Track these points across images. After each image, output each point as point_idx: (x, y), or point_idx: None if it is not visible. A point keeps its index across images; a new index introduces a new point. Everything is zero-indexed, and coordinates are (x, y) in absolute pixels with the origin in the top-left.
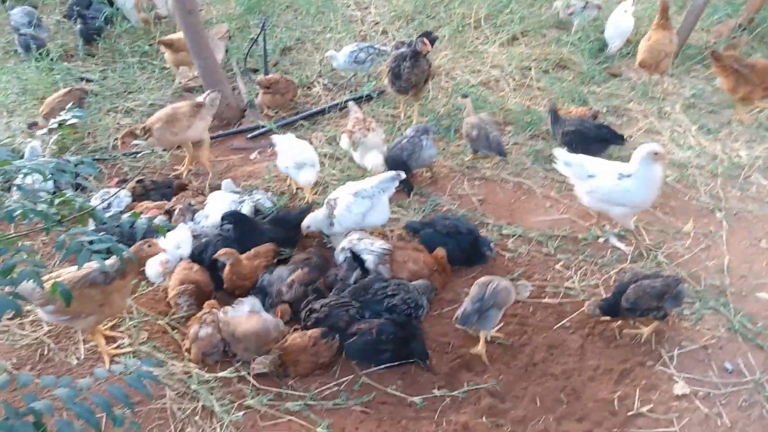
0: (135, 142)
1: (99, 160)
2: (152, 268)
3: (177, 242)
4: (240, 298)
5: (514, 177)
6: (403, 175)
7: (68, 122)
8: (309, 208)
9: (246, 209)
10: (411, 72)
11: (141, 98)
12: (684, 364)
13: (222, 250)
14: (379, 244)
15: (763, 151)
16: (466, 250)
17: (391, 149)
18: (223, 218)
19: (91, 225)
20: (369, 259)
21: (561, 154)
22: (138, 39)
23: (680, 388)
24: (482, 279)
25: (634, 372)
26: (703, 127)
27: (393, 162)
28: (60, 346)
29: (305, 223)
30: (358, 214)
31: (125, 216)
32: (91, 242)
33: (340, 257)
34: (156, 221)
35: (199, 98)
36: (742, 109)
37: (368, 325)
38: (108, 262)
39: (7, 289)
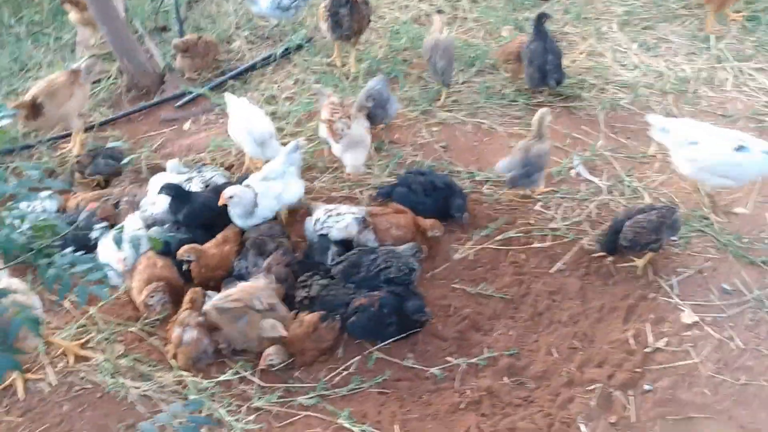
0: None
1: (9, 152)
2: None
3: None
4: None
5: (471, 117)
6: (301, 144)
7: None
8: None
9: (196, 189)
10: (351, 18)
11: (42, 76)
12: (685, 291)
13: (182, 249)
14: (351, 215)
15: (704, 63)
16: (444, 206)
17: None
18: (160, 190)
19: None
20: (343, 234)
21: (656, 120)
22: (22, 8)
23: (688, 316)
24: (523, 143)
25: (640, 307)
26: (642, 45)
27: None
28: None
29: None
30: (272, 199)
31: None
32: (72, 265)
33: (311, 234)
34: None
35: (74, 65)
36: (712, 20)
37: (369, 299)
38: None
39: None
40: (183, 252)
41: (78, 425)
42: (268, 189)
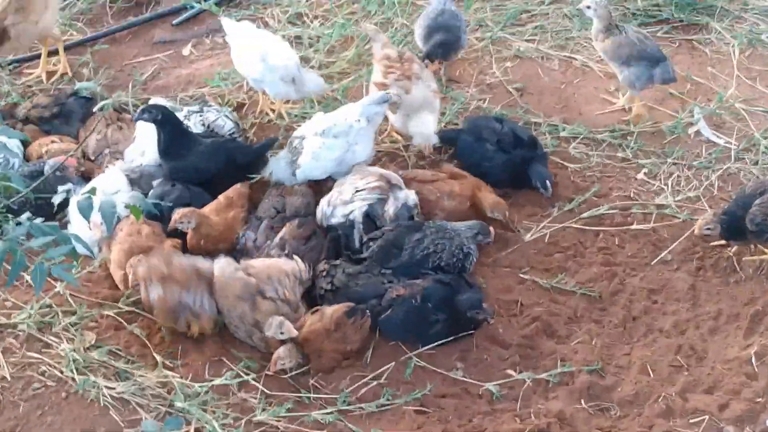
0: None
1: None
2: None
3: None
4: None
5: (558, 51)
6: (394, 97)
7: None
8: (273, 142)
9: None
10: None
11: None
12: None
13: (177, 214)
14: (360, 202)
15: None
16: (520, 170)
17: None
18: (142, 111)
19: None
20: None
21: None
22: None
23: None
24: None
25: None
26: None
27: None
28: None
29: (267, 170)
30: (329, 160)
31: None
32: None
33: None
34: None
35: None
36: None
37: (409, 290)
38: None
39: None
40: (179, 217)
41: None
42: (323, 149)
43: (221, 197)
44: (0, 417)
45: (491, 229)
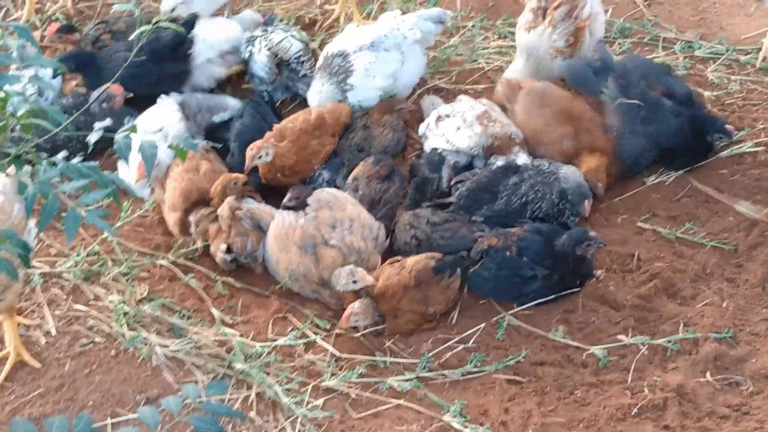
0: None
1: None
2: (130, 177)
3: (160, 128)
4: None
5: None
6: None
7: None
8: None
9: (260, 60)
10: None
11: None
12: None
13: (253, 148)
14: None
15: None
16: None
17: None
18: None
19: None
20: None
21: None
22: None
23: None
24: None
25: None
26: None
27: None
28: None
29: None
30: (385, 76)
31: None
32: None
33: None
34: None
35: None
36: None
37: (503, 239)
38: None
39: None
40: (256, 152)
41: (83, 392)
42: (377, 62)
43: (313, 117)
44: (45, 376)
45: (600, 185)
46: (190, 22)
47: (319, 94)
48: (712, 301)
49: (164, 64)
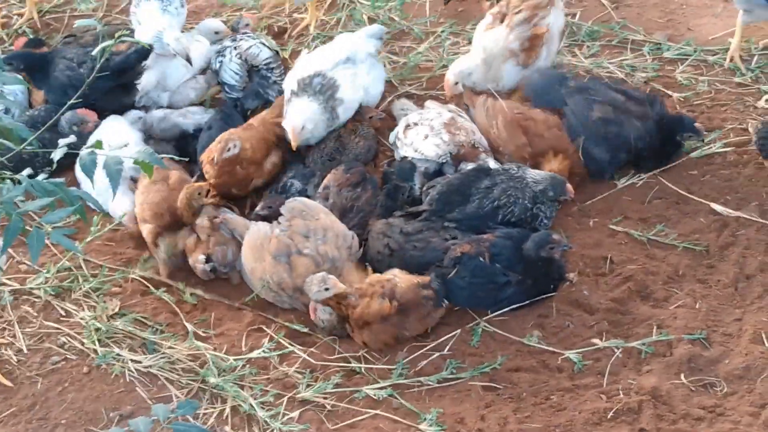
0: None
1: None
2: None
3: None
4: None
5: None
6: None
7: None
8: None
9: (231, 68)
10: None
11: None
12: None
13: (221, 139)
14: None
15: None
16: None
17: None
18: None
19: None
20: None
21: None
22: None
23: None
24: None
25: None
26: None
27: None
28: None
29: (298, 124)
30: (365, 88)
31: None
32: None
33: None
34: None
35: None
36: None
37: (475, 245)
38: None
39: None
40: (225, 144)
41: (56, 411)
42: (362, 75)
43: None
44: (17, 395)
45: (569, 188)
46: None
47: (302, 113)
48: (685, 302)
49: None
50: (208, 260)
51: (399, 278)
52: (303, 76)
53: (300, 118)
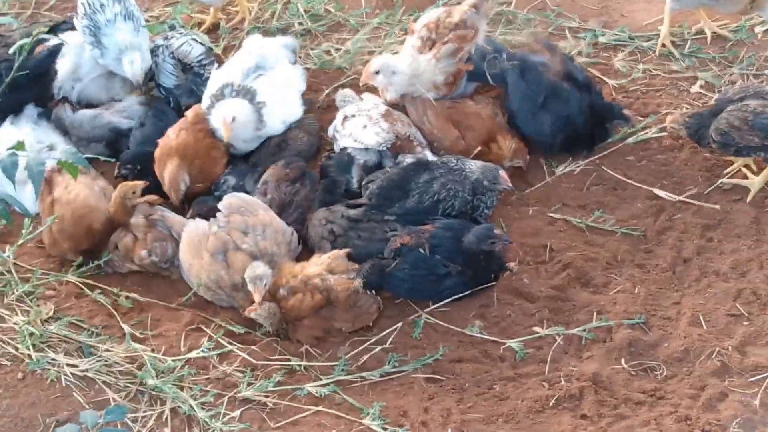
0: None
1: None
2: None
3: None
4: None
5: None
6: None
7: None
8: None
9: (165, 68)
10: None
11: None
12: None
13: (170, 179)
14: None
15: None
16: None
17: None
18: None
19: None
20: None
21: None
22: None
23: None
24: None
25: None
26: None
27: None
28: None
29: (228, 114)
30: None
31: None
32: None
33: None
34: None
35: None
36: None
37: (415, 237)
38: None
39: None
40: (175, 183)
41: None
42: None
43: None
44: None
45: (502, 174)
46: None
47: (231, 105)
48: (624, 288)
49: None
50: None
51: (333, 263)
52: (213, 92)
53: (230, 109)
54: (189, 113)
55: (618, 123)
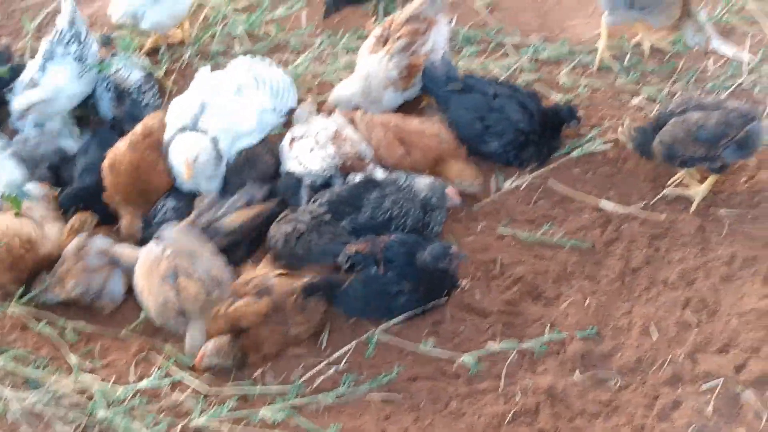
0: None
1: None
2: None
3: None
4: None
5: None
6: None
7: None
8: None
9: (103, 96)
10: None
11: None
12: None
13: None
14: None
15: None
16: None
17: None
18: None
19: None
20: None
21: None
22: None
23: None
24: None
25: None
26: None
27: None
28: None
29: (191, 154)
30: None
31: None
32: None
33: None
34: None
35: None
36: None
37: (370, 244)
38: None
39: None
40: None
41: None
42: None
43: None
44: None
45: (450, 192)
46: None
47: (193, 143)
48: (574, 300)
49: None
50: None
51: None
52: (167, 139)
53: (193, 148)
54: (138, 127)
55: (572, 124)
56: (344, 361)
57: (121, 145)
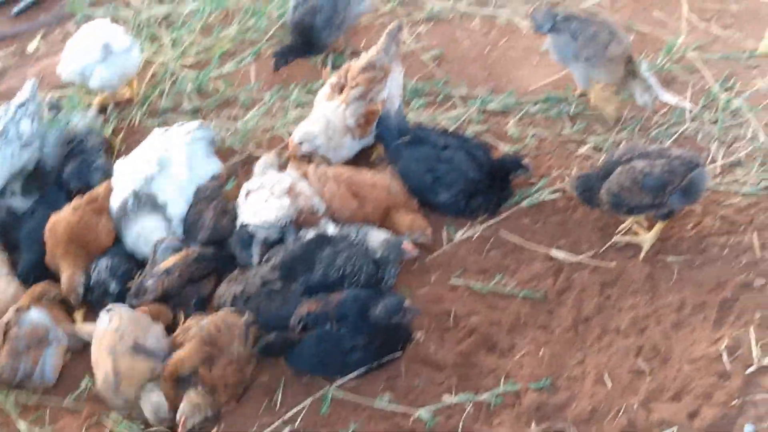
0: None
1: None
2: None
3: None
4: None
5: (480, 7)
6: None
7: None
8: None
9: (51, 157)
10: None
11: None
12: None
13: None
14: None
15: None
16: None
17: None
18: None
19: None
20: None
21: None
22: None
23: None
24: None
25: (740, 302)
26: None
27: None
28: None
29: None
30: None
31: None
32: None
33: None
34: None
35: None
36: None
37: (322, 304)
38: None
39: None
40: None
41: None
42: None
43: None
44: None
45: (405, 246)
46: None
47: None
48: (528, 350)
49: None
50: None
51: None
52: (118, 206)
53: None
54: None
55: (520, 173)
56: (299, 419)
57: (64, 211)
